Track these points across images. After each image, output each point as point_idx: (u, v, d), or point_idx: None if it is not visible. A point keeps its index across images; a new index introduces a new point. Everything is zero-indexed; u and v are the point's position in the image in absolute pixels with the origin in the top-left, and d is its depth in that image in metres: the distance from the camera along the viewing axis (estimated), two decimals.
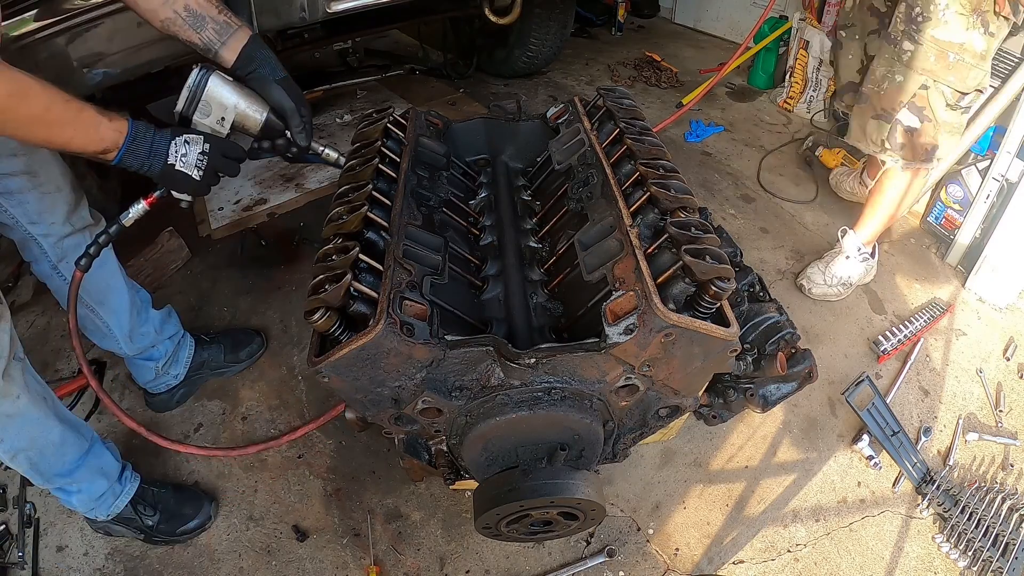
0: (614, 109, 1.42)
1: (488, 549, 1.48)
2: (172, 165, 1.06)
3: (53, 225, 1.35)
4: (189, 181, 1.09)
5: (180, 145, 1.07)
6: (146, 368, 1.69)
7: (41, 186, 1.30)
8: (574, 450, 1.13)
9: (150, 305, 1.66)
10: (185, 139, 1.08)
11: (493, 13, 2.70)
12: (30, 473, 1.30)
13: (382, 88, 3.39)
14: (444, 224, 1.38)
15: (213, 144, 1.10)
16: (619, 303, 1.00)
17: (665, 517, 1.55)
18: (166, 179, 1.08)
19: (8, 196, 1.27)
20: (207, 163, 1.09)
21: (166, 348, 1.70)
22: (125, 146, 1.02)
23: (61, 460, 1.32)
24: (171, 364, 1.72)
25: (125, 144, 1.02)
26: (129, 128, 1.02)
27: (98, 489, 1.41)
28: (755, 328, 1.29)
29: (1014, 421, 1.79)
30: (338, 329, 0.97)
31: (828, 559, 1.48)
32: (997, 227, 2.01)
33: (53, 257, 1.39)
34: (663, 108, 3.20)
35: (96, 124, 1.00)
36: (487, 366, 1.02)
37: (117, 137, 1.01)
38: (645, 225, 1.13)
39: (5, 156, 1.21)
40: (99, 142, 1.00)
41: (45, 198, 1.32)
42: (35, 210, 1.31)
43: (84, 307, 1.47)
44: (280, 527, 1.53)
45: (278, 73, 1.17)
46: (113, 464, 1.45)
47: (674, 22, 4.38)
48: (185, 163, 1.07)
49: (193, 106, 1.10)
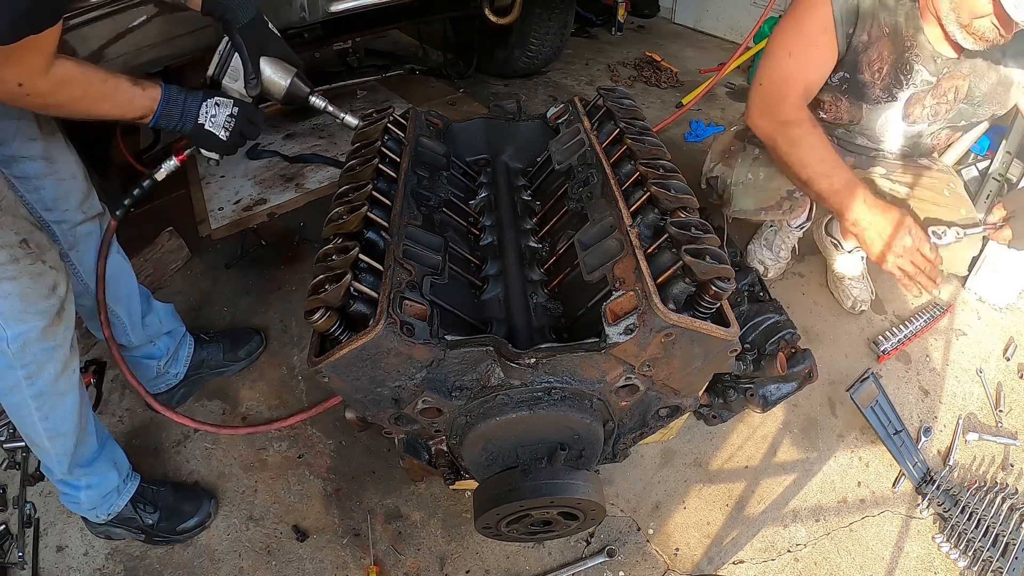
0: (614, 109, 1.41)
1: (488, 549, 1.48)
2: (202, 124, 1.17)
3: (67, 212, 1.35)
4: (217, 140, 1.19)
5: (210, 107, 1.17)
6: (147, 366, 1.68)
7: (57, 172, 1.31)
8: (574, 450, 1.13)
9: (151, 298, 1.67)
10: (216, 101, 1.18)
11: (493, 13, 2.70)
12: (62, 459, 1.31)
13: (382, 88, 3.39)
14: (444, 224, 1.38)
15: (240, 107, 1.20)
16: (619, 303, 1.00)
17: (665, 517, 1.55)
18: (196, 138, 1.19)
19: (25, 181, 1.27)
20: (234, 124, 1.20)
21: (167, 345, 1.70)
22: (160, 110, 1.13)
23: (89, 448, 1.35)
24: (172, 362, 1.72)
25: (159, 109, 1.13)
26: (163, 94, 1.13)
27: (109, 484, 1.42)
28: (755, 328, 1.29)
29: (1014, 421, 1.79)
30: (338, 329, 0.97)
31: (828, 559, 1.48)
32: None
33: (65, 244, 1.38)
34: (663, 108, 3.20)
35: (131, 97, 1.10)
36: (487, 366, 1.02)
37: (151, 104, 1.12)
38: (645, 225, 1.13)
39: (25, 140, 1.21)
40: (135, 110, 1.11)
41: (61, 185, 1.32)
42: (51, 196, 1.32)
43: (92, 298, 1.47)
44: (280, 527, 1.53)
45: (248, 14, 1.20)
46: (124, 459, 1.47)
47: (674, 22, 4.38)
48: (214, 123, 1.18)
49: (223, 71, 1.21)
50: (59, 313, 1.17)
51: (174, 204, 2.50)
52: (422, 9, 2.70)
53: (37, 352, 1.16)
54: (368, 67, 3.40)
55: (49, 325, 1.16)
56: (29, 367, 1.16)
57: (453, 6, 2.86)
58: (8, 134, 1.18)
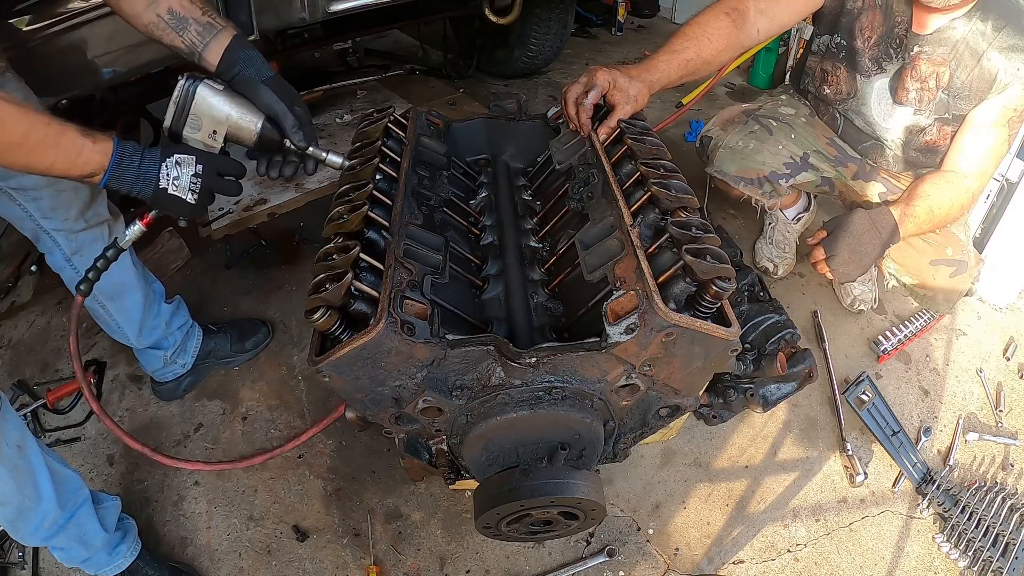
0: None
1: (488, 549, 1.48)
2: (164, 189, 1.00)
3: (67, 221, 1.35)
4: (183, 205, 1.02)
5: (171, 167, 1.00)
6: (155, 357, 1.69)
7: (55, 183, 1.28)
8: (574, 450, 1.13)
9: (163, 298, 1.66)
10: (176, 160, 1.00)
11: (493, 13, 2.70)
12: (7, 527, 1.21)
13: (382, 88, 3.39)
14: (445, 224, 1.38)
15: (206, 163, 1.03)
16: (620, 302, 1.00)
17: (665, 517, 1.55)
18: (159, 203, 1.02)
19: (23, 192, 1.26)
20: (201, 184, 1.02)
21: (175, 338, 1.70)
22: (110, 170, 0.96)
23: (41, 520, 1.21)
24: (179, 354, 1.73)
25: (110, 168, 0.96)
26: (115, 150, 0.95)
27: (79, 556, 1.32)
28: (755, 328, 1.29)
29: (1014, 421, 1.79)
30: (339, 328, 0.97)
31: (828, 559, 1.48)
32: (997, 227, 2.01)
33: (67, 249, 1.38)
34: (663, 108, 3.19)
35: (79, 147, 0.93)
36: (488, 365, 1.02)
37: (102, 159, 0.95)
38: (646, 225, 1.12)
39: None
40: (83, 166, 0.94)
41: (60, 195, 1.31)
42: (48, 206, 1.31)
43: (95, 301, 1.46)
44: (280, 527, 1.53)
45: (265, 73, 1.11)
46: (97, 534, 1.31)
47: (674, 22, 4.38)
48: (178, 186, 1.01)
49: (182, 120, 1.03)
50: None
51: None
52: (422, 9, 2.70)
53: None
54: (368, 67, 3.40)
55: None
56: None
57: (453, 6, 2.86)
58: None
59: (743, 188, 1.80)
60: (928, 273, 1.68)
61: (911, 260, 1.69)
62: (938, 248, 1.66)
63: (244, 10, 1.70)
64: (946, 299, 1.74)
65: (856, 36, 1.62)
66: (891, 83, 1.62)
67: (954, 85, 1.52)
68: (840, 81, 1.72)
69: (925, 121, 1.60)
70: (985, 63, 1.47)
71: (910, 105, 1.60)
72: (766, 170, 1.76)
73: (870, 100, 1.68)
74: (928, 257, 1.67)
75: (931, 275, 1.68)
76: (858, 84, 1.68)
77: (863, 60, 1.63)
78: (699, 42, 1.49)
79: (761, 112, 1.85)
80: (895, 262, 1.72)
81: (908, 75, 1.57)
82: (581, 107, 1.35)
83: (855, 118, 1.74)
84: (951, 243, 1.67)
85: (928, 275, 1.68)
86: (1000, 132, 1.51)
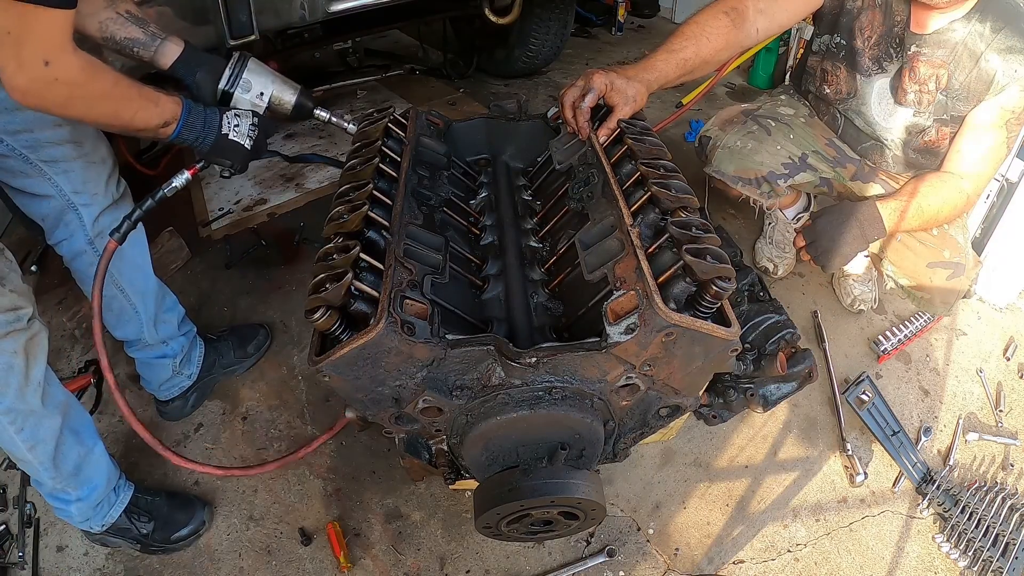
0: None
1: (488, 549, 1.48)
2: (226, 135, 1.16)
3: (96, 196, 1.34)
4: (240, 150, 1.19)
5: (231, 118, 1.18)
6: (162, 366, 1.66)
7: (87, 155, 1.30)
8: (574, 449, 1.13)
9: (169, 295, 1.66)
10: (235, 112, 1.19)
11: (493, 13, 2.70)
12: (47, 467, 1.26)
13: (382, 88, 3.39)
14: (445, 224, 1.38)
15: (260, 117, 1.22)
16: (620, 302, 1.00)
17: (665, 517, 1.55)
18: (218, 150, 1.17)
19: (53, 164, 1.26)
20: (258, 133, 1.20)
21: (181, 344, 1.69)
22: (183, 119, 1.11)
23: (76, 454, 1.31)
24: (185, 363, 1.71)
25: (183, 117, 1.11)
26: (184, 101, 1.11)
27: (98, 495, 1.38)
28: (755, 328, 1.29)
29: (1014, 421, 1.79)
30: (339, 328, 0.97)
31: (828, 559, 1.48)
32: (997, 227, 2.01)
33: (91, 231, 1.37)
34: (663, 108, 3.19)
35: (156, 98, 1.07)
36: (488, 365, 1.02)
37: (176, 109, 1.10)
38: (646, 225, 1.13)
39: (49, 127, 1.21)
40: (160, 115, 1.08)
41: (90, 168, 1.31)
42: (80, 179, 1.30)
43: (113, 286, 1.45)
44: (280, 527, 1.53)
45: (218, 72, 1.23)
46: (114, 469, 1.43)
47: (674, 22, 4.38)
48: (239, 133, 1.18)
49: (235, 83, 1.23)
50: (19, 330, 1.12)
51: (174, 204, 2.50)
52: (422, 9, 2.70)
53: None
54: (368, 67, 3.40)
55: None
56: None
57: (453, 6, 2.86)
58: (31, 122, 1.17)
59: (741, 188, 1.80)
60: (925, 275, 1.68)
61: (908, 262, 1.69)
62: (935, 250, 1.66)
63: (244, 10, 1.70)
64: (943, 301, 1.74)
65: (856, 36, 1.62)
66: (892, 83, 1.62)
67: (952, 87, 1.52)
68: (840, 81, 1.72)
69: (925, 122, 1.60)
70: (983, 64, 1.47)
71: (910, 107, 1.60)
72: (764, 170, 1.76)
73: (870, 100, 1.68)
74: (925, 259, 1.67)
75: (928, 277, 1.68)
76: (858, 84, 1.68)
77: (863, 60, 1.63)
78: (698, 41, 1.49)
79: (760, 112, 1.85)
80: (892, 263, 1.72)
81: (907, 77, 1.57)
82: (578, 111, 1.35)
83: (855, 118, 1.74)
84: (949, 245, 1.67)
85: (925, 277, 1.68)
86: (998, 134, 1.51)
